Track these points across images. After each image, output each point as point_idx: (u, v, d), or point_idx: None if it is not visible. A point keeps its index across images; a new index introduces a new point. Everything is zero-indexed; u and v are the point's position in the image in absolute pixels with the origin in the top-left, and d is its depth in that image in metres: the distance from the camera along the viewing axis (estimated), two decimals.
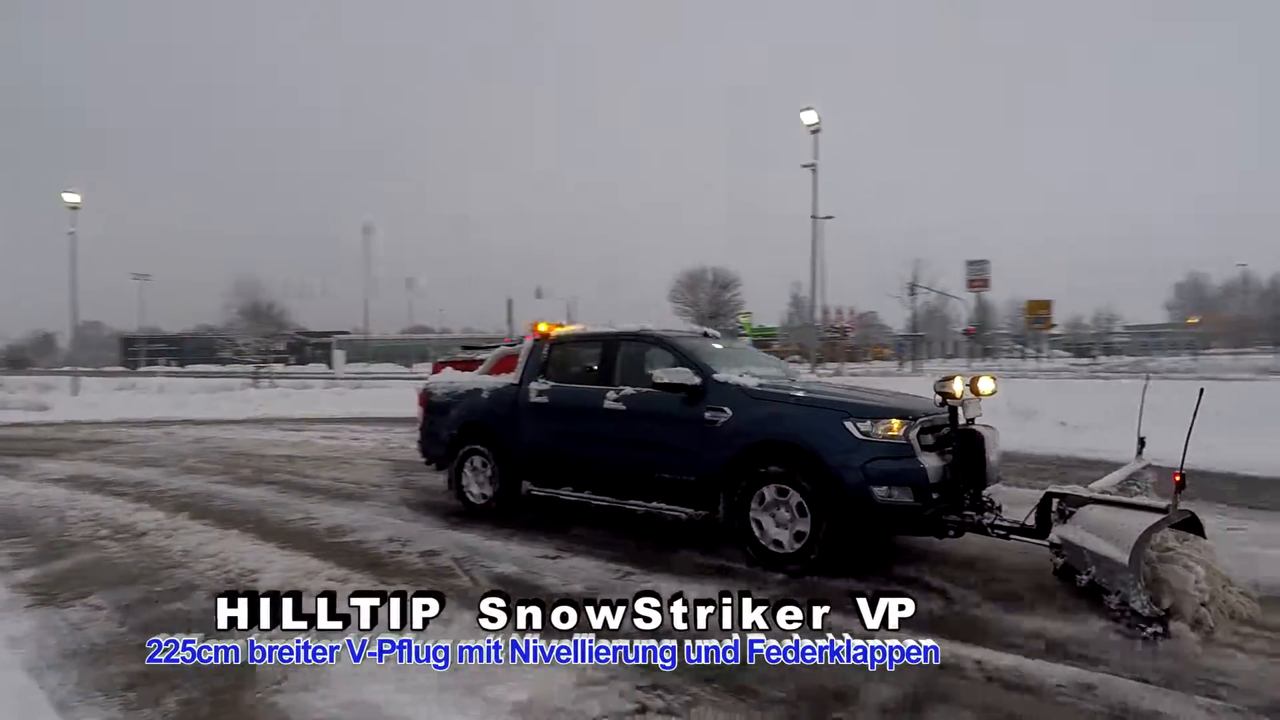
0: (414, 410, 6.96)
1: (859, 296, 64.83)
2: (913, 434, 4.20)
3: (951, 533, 4.12)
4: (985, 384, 4.30)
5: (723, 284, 50.17)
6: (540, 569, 4.48)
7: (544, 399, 5.66)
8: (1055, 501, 3.91)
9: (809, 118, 22.91)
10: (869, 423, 4.20)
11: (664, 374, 4.87)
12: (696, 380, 4.79)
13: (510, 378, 6.01)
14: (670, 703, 2.76)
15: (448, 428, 6.22)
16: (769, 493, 4.37)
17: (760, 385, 4.78)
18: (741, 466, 4.49)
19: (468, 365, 7.73)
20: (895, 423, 4.19)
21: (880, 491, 4.07)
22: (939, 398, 4.20)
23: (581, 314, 37.19)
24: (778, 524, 4.34)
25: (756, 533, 4.40)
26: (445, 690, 2.84)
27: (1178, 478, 3.35)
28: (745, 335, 58.93)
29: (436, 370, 8.20)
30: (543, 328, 6.01)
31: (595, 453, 5.39)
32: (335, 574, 4.33)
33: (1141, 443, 4.52)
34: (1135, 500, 3.86)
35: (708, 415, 4.71)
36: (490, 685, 2.86)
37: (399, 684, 2.90)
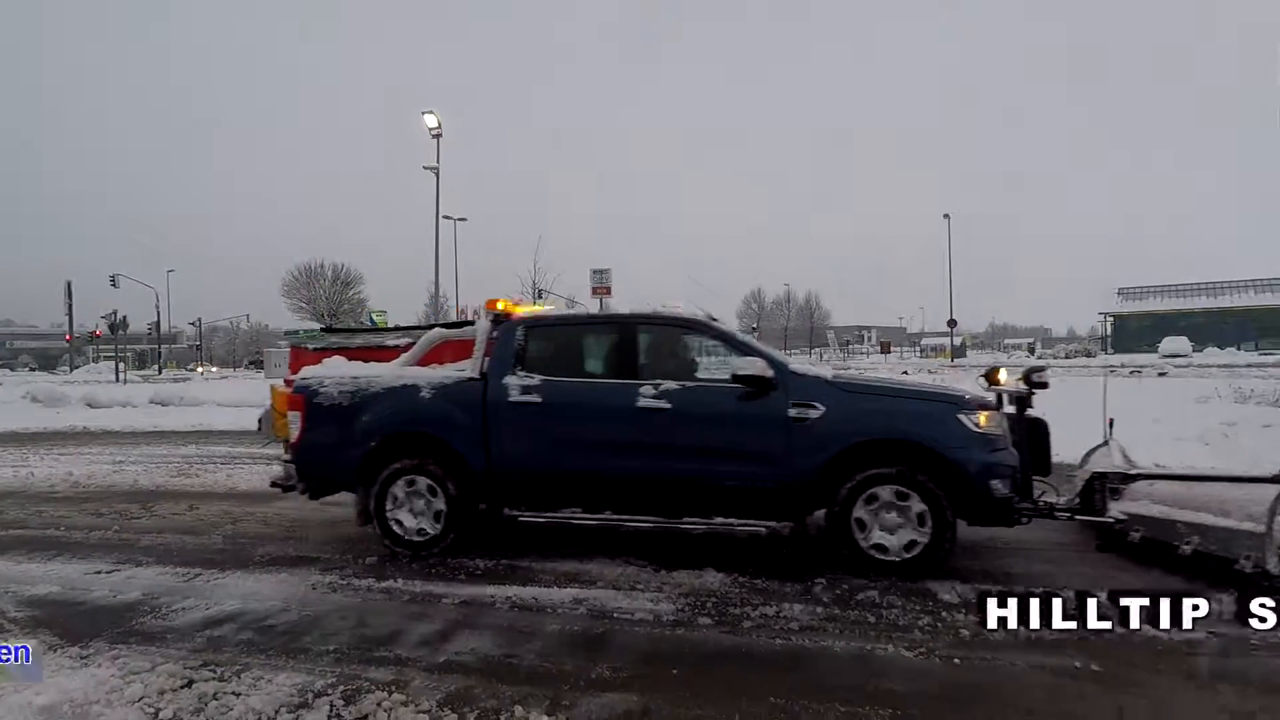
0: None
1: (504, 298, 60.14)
2: (1005, 425, 4.22)
3: (1024, 520, 4.16)
4: (1040, 376, 4.56)
5: (345, 280, 45.66)
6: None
7: (533, 397, 4.43)
8: (1101, 482, 4.25)
9: (430, 121, 22.32)
10: (975, 414, 4.07)
11: (745, 364, 4.16)
12: (771, 373, 4.14)
13: (456, 371, 4.75)
14: None
15: (359, 440, 4.57)
16: (884, 494, 3.98)
17: (836, 377, 4.38)
18: (841, 468, 4.04)
19: (369, 354, 5.55)
20: (987, 414, 4.11)
21: (997, 485, 3.95)
22: (987, 386, 4.37)
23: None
24: (882, 528, 3.98)
25: (859, 538, 4.00)
26: None
27: None
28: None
29: (299, 361, 5.58)
30: (501, 305, 4.77)
31: (625, 464, 4.35)
32: None
33: (1110, 424, 4.95)
34: (1223, 474, 4.40)
35: (793, 413, 4.10)
36: None
37: None
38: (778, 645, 3.18)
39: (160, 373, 48.81)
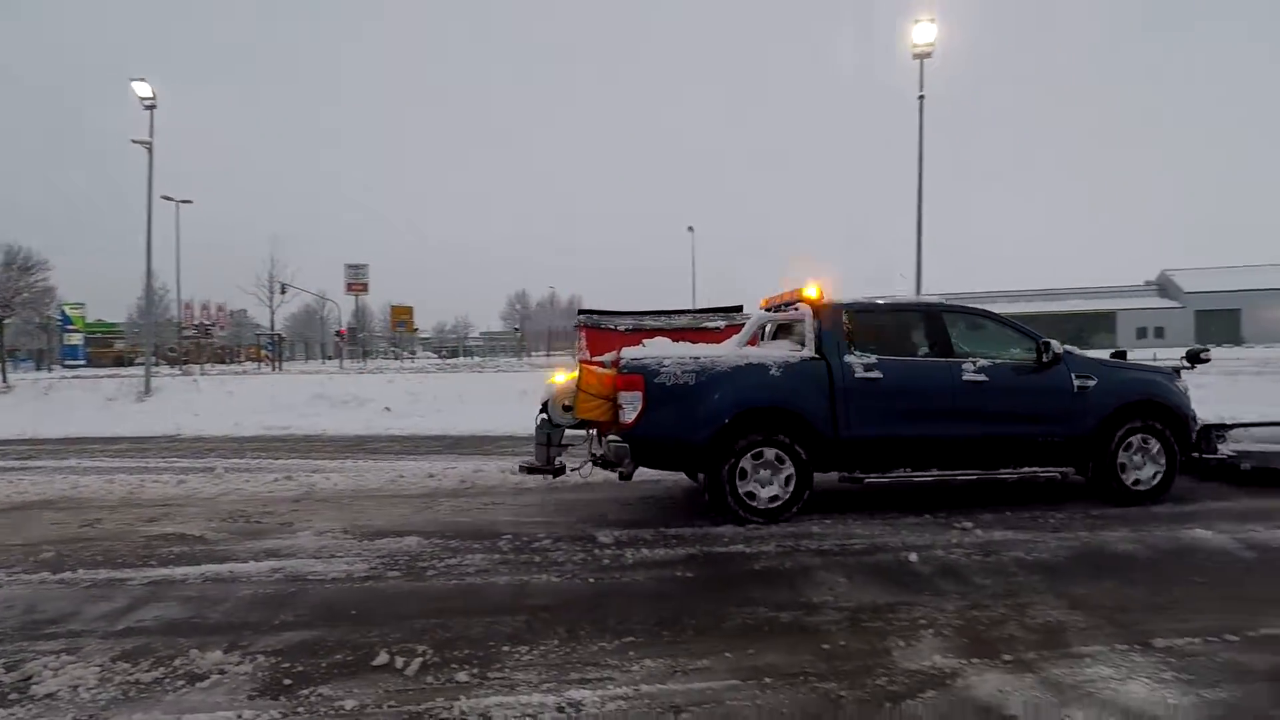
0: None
1: (230, 293, 61.15)
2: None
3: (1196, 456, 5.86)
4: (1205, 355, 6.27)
5: (24, 266, 44.14)
6: None
7: (875, 374, 5.12)
8: (1213, 432, 5.99)
9: (142, 90, 18.42)
10: (1179, 380, 5.76)
11: (1057, 345, 5.32)
12: (1061, 350, 5.34)
13: (788, 352, 5.27)
14: None
15: (708, 418, 4.89)
16: (1136, 441, 5.39)
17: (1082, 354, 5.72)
18: (1110, 424, 5.36)
19: (691, 335, 5.86)
20: (1181, 381, 5.82)
21: (1195, 429, 5.68)
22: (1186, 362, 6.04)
23: None
24: (1134, 467, 5.41)
25: (1123, 475, 5.39)
26: None
27: None
28: (76, 328, 55.74)
29: (604, 343, 5.86)
30: (812, 294, 5.28)
31: (953, 428, 5.24)
32: None
33: None
34: None
35: (1077, 383, 5.36)
36: None
37: None
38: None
39: None
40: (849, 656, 2.86)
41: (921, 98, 13.47)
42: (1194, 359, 6.10)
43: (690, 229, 44.23)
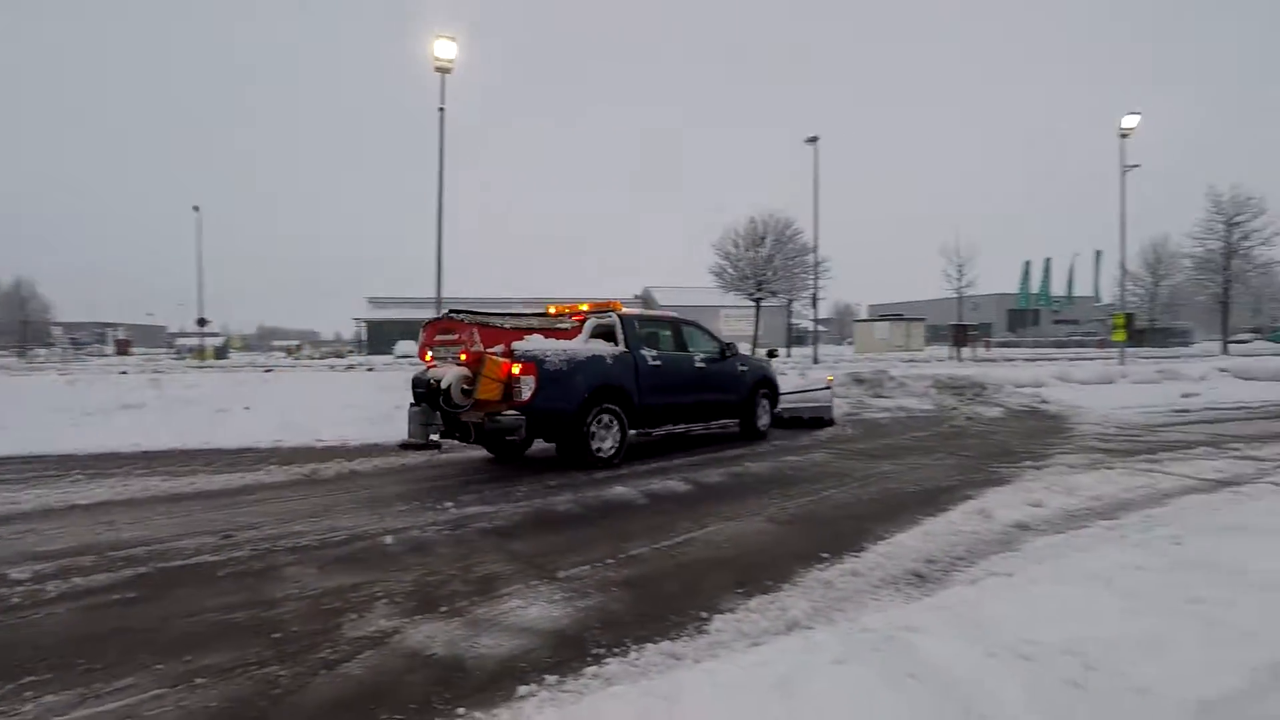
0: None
1: None
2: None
3: None
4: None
5: None
6: None
7: (658, 363, 7.61)
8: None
9: None
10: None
11: (734, 346, 8.78)
12: (735, 350, 8.79)
13: (611, 347, 7.29)
14: None
15: (576, 394, 6.69)
16: (762, 402, 9.22)
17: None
18: (753, 392, 8.98)
19: (550, 332, 7.16)
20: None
21: None
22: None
23: None
24: (759, 417, 9.10)
25: (757, 423, 9.05)
26: None
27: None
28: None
29: (495, 338, 6.72)
30: (623, 307, 7.71)
31: (693, 398, 8.13)
32: None
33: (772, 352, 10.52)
34: (807, 389, 10.66)
35: (741, 368, 8.82)
36: None
37: None
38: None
39: None
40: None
41: (442, 110, 14.23)
42: (772, 354, 10.31)
43: (196, 209, 38.52)
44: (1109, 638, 2.69)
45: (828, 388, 10.47)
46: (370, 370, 23.70)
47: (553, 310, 7.86)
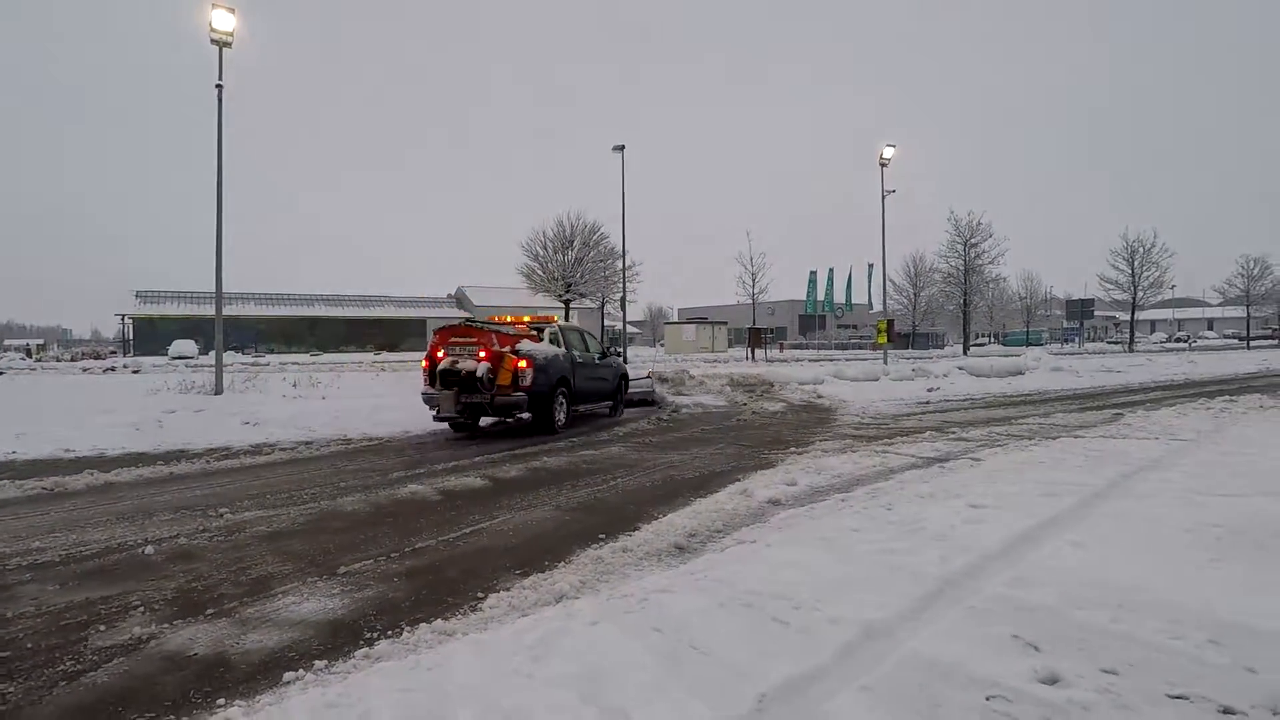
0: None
1: None
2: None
3: None
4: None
5: None
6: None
7: (581, 360, 10.83)
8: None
9: None
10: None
11: (613, 348, 13.33)
12: (610, 348, 12.76)
13: (559, 349, 10.33)
14: None
15: (551, 382, 9.71)
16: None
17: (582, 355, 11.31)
18: (618, 382, 12.28)
19: (530, 338, 10.27)
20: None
21: None
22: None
23: None
24: (620, 403, 12.37)
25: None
26: None
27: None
28: None
29: (504, 341, 9.61)
30: (556, 320, 11.15)
31: (593, 385, 11.22)
32: None
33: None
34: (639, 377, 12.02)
35: (614, 364, 12.25)
36: None
37: None
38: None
39: None
40: None
41: (220, 86, 13.04)
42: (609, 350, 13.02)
43: None
44: (817, 584, 3.29)
45: (649, 377, 15.10)
46: (136, 373, 21.16)
47: (509, 319, 11.24)
